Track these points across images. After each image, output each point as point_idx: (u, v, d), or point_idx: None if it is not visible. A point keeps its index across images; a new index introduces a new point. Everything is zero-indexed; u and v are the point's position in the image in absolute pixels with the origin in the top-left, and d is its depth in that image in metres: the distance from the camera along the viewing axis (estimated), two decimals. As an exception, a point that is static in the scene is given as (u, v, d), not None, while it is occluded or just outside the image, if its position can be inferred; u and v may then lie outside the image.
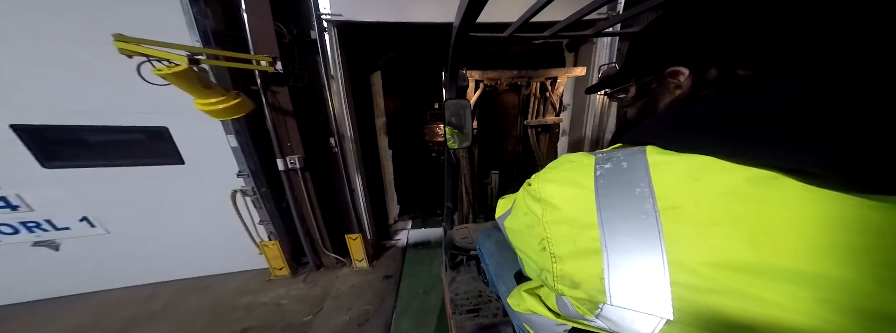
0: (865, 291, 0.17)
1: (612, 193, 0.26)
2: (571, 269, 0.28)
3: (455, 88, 1.00)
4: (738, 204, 0.21)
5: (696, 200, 0.22)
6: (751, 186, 0.21)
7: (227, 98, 1.38)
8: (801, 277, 0.18)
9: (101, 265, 2.14)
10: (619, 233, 0.24)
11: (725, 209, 0.21)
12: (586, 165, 0.29)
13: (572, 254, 0.27)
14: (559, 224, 0.29)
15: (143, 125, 1.82)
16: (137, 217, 2.09)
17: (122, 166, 1.90)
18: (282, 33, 1.75)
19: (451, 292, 1.28)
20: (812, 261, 0.18)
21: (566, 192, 0.29)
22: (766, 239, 0.19)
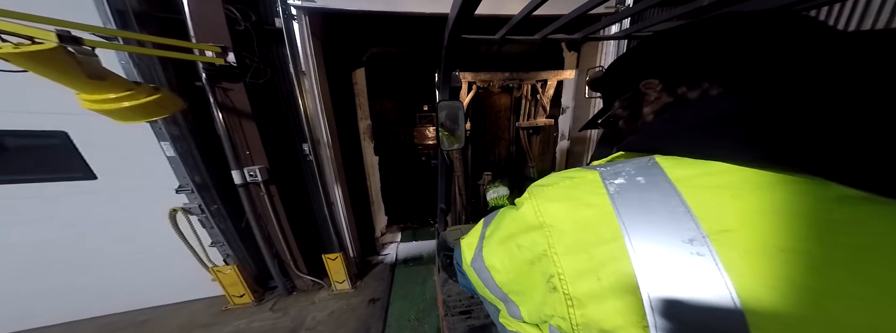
0: None
1: (634, 214, 0.20)
2: (598, 314, 0.20)
3: (448, 89, 0.89)
4: (802, 225, 0.16)
5: (747, 222, 0.17)
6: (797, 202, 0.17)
7: (135, 93, 0.90)
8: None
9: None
10: (659, 265, 0.18)
11: (790, 231, 0.16)
12: (592, 180, 0.24)
13: (597, 294, 0.20)
14: (575, 255, 0.22)
15: (25, 129, 1.24)
16: (31, 248, 1.48)
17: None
18: (235, 19, 1.29)
19: (443, 294, 1.20)
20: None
21: (577, 214, 0.23)
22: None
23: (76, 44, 0.78)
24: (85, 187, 1.43)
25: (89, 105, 0.87)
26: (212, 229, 1.67)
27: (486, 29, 0.63)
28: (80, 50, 0.79)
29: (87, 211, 1.50)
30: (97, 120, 1.24)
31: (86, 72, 0.80)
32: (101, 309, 1.78)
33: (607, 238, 0.21)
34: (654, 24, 0.55)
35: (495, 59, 2.63)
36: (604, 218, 0.21)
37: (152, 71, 1.29)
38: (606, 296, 0.20)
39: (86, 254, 1.60)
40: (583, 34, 0.62)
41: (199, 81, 1.32)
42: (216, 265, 1.77)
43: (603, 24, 0.60)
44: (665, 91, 0.31)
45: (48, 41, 0.73)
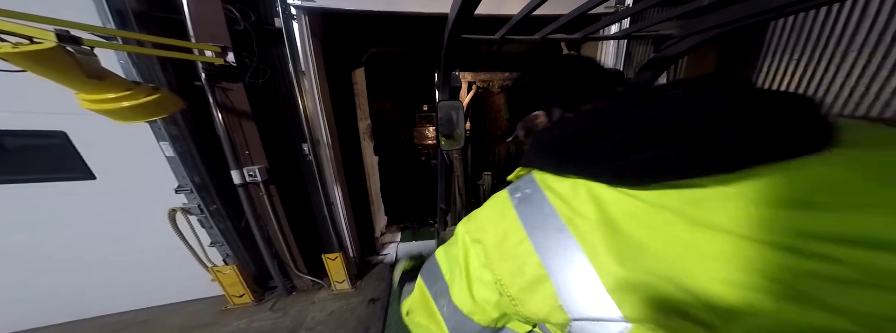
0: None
1: (529, 218, 0.28)
2: (533, 306, 0.26)
3: (448, 89, 0.89)
4: (620, 210, 0.24)
5: (586, 213, 0.25)
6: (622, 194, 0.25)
7: (134, 93, 0.90)
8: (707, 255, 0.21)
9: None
10: (550, 252, 0.25)
11: (616, 216, 0.24)
12: (504, 197, 0.31)
13: (526, 289, 0.26)
14: (504, 261, 0.28)
15: (23, 129, 1.23)
16: (30, 248, 1.48)
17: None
18: (234, 19, 1.28)
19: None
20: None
21: (498, 227, 0.29)
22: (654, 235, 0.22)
23: (75, 43, 0.77)
24: (84, 188, 1.43)
25: (88, 105, 0.87)
26: (211, 229, 1.67)
27: (486, 29, 0.63)
28: (79, 50, 0.78)
29: (86, 211, 1.50)
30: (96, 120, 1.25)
31: (85, 72, 0.79)
32: (101, 309, 1.78)
33: (519, 241, 0.27)
34: (654, 24, 0.55)
35: (495, 59, 2.63)
36: (514, 226, 0.28)
37: (151, 71, 1.29)
38: (531, 288, 0.26)
39: (84, 254, 1.60)
40: (582, 34, 0.62)
41: (199, 80, 1.32)
42: (216, 265, 1.77)
43: (603, 24, 0.60)
44: (547, 117, 0.39)
45: (47, 41, 0.73)
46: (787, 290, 0.18)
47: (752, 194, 0.21)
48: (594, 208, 0.25)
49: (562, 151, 0.29)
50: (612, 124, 0.26)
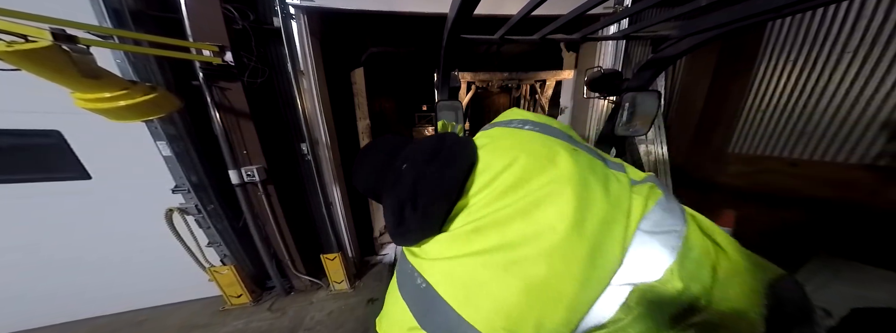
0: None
1: (402, 281, 0.36)
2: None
3: (447, 89, 0.88)
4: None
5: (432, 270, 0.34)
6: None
7: (130, 93, 0.89)
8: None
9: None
10: (414, 300, 0.33)
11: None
12: (394, 276, 0.39)
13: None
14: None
15: (17, 128, 1.22)
16: (25, 248, 1.46)
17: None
18: (233, 18, 1.27)
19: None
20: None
21: (390, 300, 0.37)
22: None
23: (71, 42, 0.77)
24: (79, 187, 1.41)
25: (84, 104, 0.86)
26: (209, 229, 1.66)
27: (485, 29, 0.63)
28: (75, 48, 0.78)
29: (82, 211, 1.48)
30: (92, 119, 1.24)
31: (80, 71, 0.79)
32: (98, 310, 1.77)
33: (396, 298, 0.34)
34: (652, 25, 0.55)
35: (494, 59, 2.63)
36: (393, 291, 0.36)
37: (148, 70, 1.27)
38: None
39: (80, 255, 1.58)
40: (581, 34, 0.62)
41: (196, 80, 1.31)
42: (213, 265, 1.76)
43: (601, 25, 0.60)
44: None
45: (42, 39, 0.72)
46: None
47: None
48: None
49: (396, 235, 0.38)
50: (402, 198, 0.37)
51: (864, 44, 1.24)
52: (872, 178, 1.28)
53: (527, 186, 0.33)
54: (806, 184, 1.48)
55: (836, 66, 1.34)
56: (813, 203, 1.47)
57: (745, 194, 1.73)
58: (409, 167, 0.39)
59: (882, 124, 1.24)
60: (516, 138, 0.42)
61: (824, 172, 1.42)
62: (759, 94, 1.64)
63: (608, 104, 1.79)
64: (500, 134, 0.44)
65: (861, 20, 1.23)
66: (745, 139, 1.73)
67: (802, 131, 1.48)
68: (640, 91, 0.79)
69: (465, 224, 0.33)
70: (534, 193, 0.32)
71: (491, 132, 0.46)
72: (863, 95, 1.28)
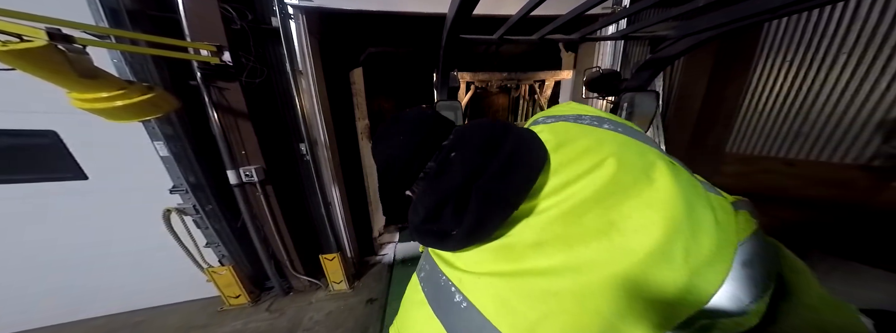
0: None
1: (430, 291, 0.31)
2: None
3: (446, 89, 0.88)
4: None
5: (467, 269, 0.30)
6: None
7: (127, 92, 0.88)
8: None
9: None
10: (453, 323, 0.27)
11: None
12: (413, 281, 0.34)
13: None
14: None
15: (12, 128, 1.21)
16: (20, 249, 1.45)
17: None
18: (231, 18, 1.27)
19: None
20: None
21: (411, 314, 0.32)
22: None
23: (67, 42, 0.76)
24: (76, 188, 1.40)
25: (80, 104, 0.85)
26: (207, 229, 1.65)
27: (484, 29, 0.63)
28: (71, 48, 0.77)
29: (78, 211, 1.47)
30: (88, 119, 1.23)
31: (77, 70, 0.78)
32: (94, 311, 1.75)
33: (427, 316, 0.29)
34: (650, 25, 0.55)
35: (493, 59, 2.63)
36: (422, 305, 0.30)
37: (146, 70, 1.27)
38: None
39: (77, 255, 1.57)
40: (580, 35, 0.62)
41: (194, 80, 1.30)
42: (211, 265, 1.75)
43: (600, 25, 0.60)
44: (414, 194, 0.39)
45: (38, 39, 0.72)
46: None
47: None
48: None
49: (424, 232, 0.33)
50: (447, 195, 0.31)
51: (859, 45, 1.25)
52: (867, 178, 1.29)
53: (615, 202, 0.27)
54: (802, 184, 1.50)
55: (831, 66, 1.35)
56: (809, 203, 1.48)
57: (742, 194, 1.73)
58: (460, 156, 0.31)
59: (877, 125, 1.25)
60: (596, 136, 0.34)
61: (820, 172, 1.43)
62: (756, 94, 1.65)
63: (607, 104, 1.80)
64: (569, 130, 0.36)
65: (856, 21, 1.24)
66: (743, 139, 1.74)
67: (799, 132, 1.49)
68: (638, 91, 0.79)
69: (526, 235, 0.27)
70: (623, 216, 0.26)
71: (555, 127, 0.37)
72: (858, 95, 1.29)
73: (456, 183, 0.30)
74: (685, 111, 1.89)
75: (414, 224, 0.34)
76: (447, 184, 0.31)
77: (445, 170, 0.32)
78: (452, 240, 0.30)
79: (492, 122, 0.35)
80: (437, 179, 0.32)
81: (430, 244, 0.33)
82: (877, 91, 1.24)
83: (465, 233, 0.29)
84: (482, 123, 0.35)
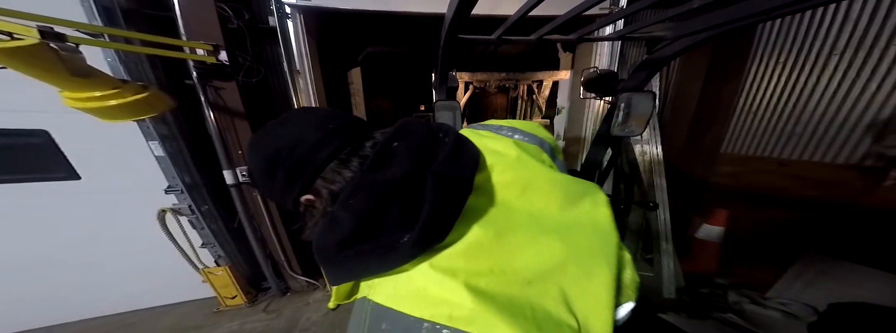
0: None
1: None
2: None
3: (445, 89, 0.87)
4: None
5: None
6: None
7: (121, 92, 0.87)
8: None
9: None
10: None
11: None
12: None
13: None
14: None
15: (3, 128, 1.19)
16: (14, 249, 1.43)
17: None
18: (227, 17, 1.26)
19: None
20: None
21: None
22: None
23: (59, 40, 0.75)
24: (68, 188, 1.38)
25: (73, 103, 0.84)
26: (202, 230, 1.63)
27: (483, 29, 0.63)
28: (64, 47, 0.76)
29: (71, 212, 1.45)
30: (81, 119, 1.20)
31: (69, 69, 0.77)
32: (88, 312, 1.73)
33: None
34: (647, 26, 0.56)
35: (492, 59, 2.64)
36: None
37: (140, 69, 1.25)
38: None
39: (70, 256, 1.55)
40: (578, 35, 0.62)
41: (190, 79, 1.29)
42: (207, 266, 1.73)
43: (597, 26, 0.61)
44: (321, 201, 0.31)
45: (29, 37, 0.70)
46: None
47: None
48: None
49: (358, 254, 0.23)
50: (392, 189, 0.23)
51: (850, 46, 1.27)
52: (858, 178, 1.31)
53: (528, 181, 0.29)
54: (795, 184, 1.52)
55: (823, 68, 1.37)
56: (801, 203, 1.50)
57: (736, 194, 1.76)
58: (406, 145, 0.27)
59: (867, 126, 1.27)
60: (506, 142, 0.34)
61: (813, 172, 1.45)
62: (750, 95, 1.67)
63: (604, 105, 1.81)
64: (489, 134, 0.36)
65: (847, 23, 1.26)
66: (737, 140, 1.76)
67: (792, 132, 1.51)
68: (635, 92, 0.80)
69: (480, 232, 0.25)
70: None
71: (479, 132, 0.37)
72: (849, 96, 1.31)
73: (405, 169, 0.25)
74: (681, 112, 1.91)
75: (333, 246, 0.24)
76: (391, 175, 0.24)
77: (388, 162, 0.26)
78: (401, 250, 0.23)
79: (419, 119, 0.34)
80: (374, 172, 0.25)
81: (363, 268, 0.24)
82: (867, 92, 1.26)
83: (420, 233, 0.22)
84: (415, 120, 0.33)
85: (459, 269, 0.22)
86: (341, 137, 0.29)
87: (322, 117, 0.30)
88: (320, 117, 0.30)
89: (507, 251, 0.24)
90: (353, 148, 0.29)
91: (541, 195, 0.28)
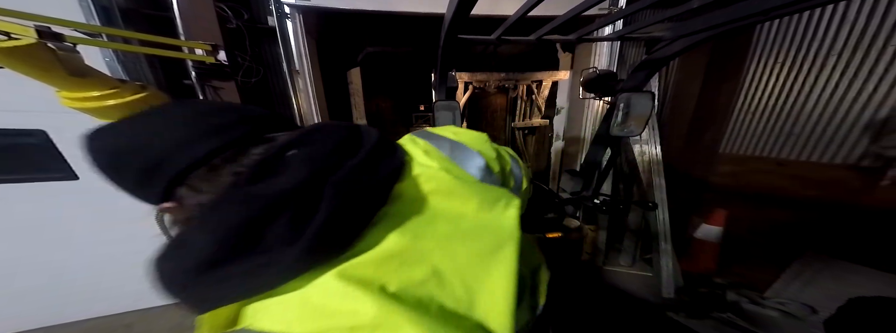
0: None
1: None
2: None
3: (444, 89, 0.87)
4: None
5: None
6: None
7: (119, 92, 0.86)
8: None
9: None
10: None
11: None
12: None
13: None
14: None
15: (1, 128, 1.18)
16: (9, 250, 1.42)
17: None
18: (226, 17, 1.25)
19: None
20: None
21: None
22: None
23: (57, 40, 0.74)
24: (66, 188, 1.37)
25: (71, 103, 0.83)
26: (202, 230, 1.62)
27: (482, 29, 0.63)
28: (61, 46, 0.75)
29: (68, 212, 1.44)
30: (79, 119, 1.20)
31: (67, 69, 0.76)
32: (85, 313, 1.72)
33: None
34: (646, 26, 0.56)
35: (491, 59, 2.64)
36: None
37: (139, 69, 1.24)
38: None
39: (68, 256, 1.54)
40: (577, 35, 0.63)
41: (189, 79, 1.28)
42: (207, 267, 1.73)
43: (597, 26, 0.61)
44: (182, 208, 0.25)
45: (26, 37, 0.70)
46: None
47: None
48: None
49: (224, 279, 0.19)
50: (280, 200, 0.20)
51: (847, 47, 1.28)
52: (856, 178, 1.32)
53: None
54: (793, 184, 1.52)
55: (821, 68, 1.37)
56: (799, 202, 1.50)
57: (735, 194, 1.76)
58: (303, 155, 0.24)
59: (864, 126, 1.28)
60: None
61: (811, 172, 1.46)
62: (749, 95, 1.67)
63: (603, 105, 1.81)
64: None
65: (845, 23, 1.27)
66: (736, 140, 1.77)
67: (790, 132, 1.52)
68: (634, 92, 0.80)
69: (397, 240, 0.23)
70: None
71: (413, 139, 0.37)
72: (846, 96, 1.32)
73: (298, 179, 0.21)
74: (680, 112, 1.91)
75: (182, 274, 0.20)
76: (278, 186, 0.21)
77: (276, 171, 0.22)
78: (285, 261, 0.19)
79: (340, 122, 0.31)
80: (253, 183, 0.22)
81: (231, 290, 0.20)
82: (864, 93, 1.27)
83: (307, 247, 0.19)
84: (331, 123, 0.29)
85: (368, 277, 0.20)
86: (221, 137, 0.24)
87: (200, 112, 0.26)
88: (198, 112, 0.26)
89: (421, 257, 0.23)
90: (233, 153, 0.24)
91: (459, 202, 0.29)
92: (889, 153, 1.21)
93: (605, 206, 1.08)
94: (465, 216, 0.28)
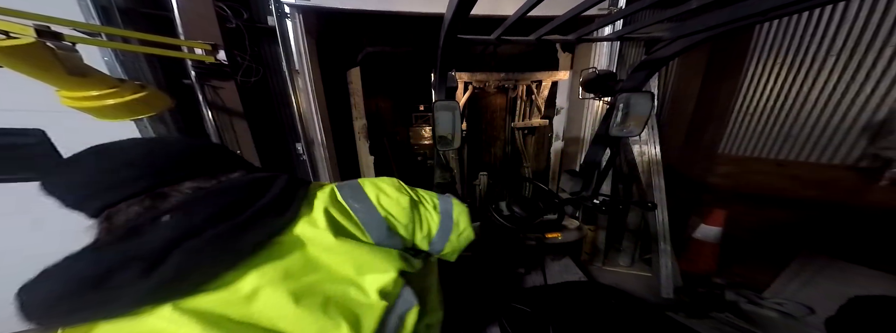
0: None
1: None
2: None
3: (444, 89, 0.87)
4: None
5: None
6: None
7: (119, 91, 0.86)
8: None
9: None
10: None
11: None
12: None
13: None
14: None
15: (-2, 125, 1.17)
16: (6, 250, 1.41)
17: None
18: (226, 17, 1.25)
19: None
20: None
21: None
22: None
23: (56, 39, 0.74)
24: (66, 188, 1.37)
25: (70, 103, 0.83)
26: (201, 230, 1.62)
27: (482, 29, 0.63)
28: (60, 46, 0.75)
29: (66, 212, 1.43)
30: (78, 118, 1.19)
31: (66, 68, 0.76)
32: (84, 314, 1.71)
33: None
34: (646, 26, 0.56)
35: (491, 59, 2.64)
36: None
37: (138, 68, 1.24)
38: None
39: (67, 257, 1.53)
40: (577, 35, 0.63)
41: (188, 79, 1.28)
42: (206, 267, 1.72)
43: (596, 26, 0.61)
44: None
45: (25, 36, 0.70)
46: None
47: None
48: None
49: (75, 311, 0.24)
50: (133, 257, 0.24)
51: (846, 47, 1.28)
52: (854, 178, 1.32)
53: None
54: (792, 184, 1.53)
55: (820, 69, 1.38)
56: (798, 203, 1.51)
57: (734, 194, 1.77)
58: (174, 223, 0.27)
59: (863, 127, 1.28)
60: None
61: (809, 173, 1.46)
62: (748, 96, 1.68)
63: (603, 105, 1.81)
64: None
65: (844, 24, 1.27)
66: (735, 140, 1.77)
67: (789, 133, 1.52)
68: (633, 92, 0.80)
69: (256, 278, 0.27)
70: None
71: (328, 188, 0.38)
72: (845, 98, 1.32)
73: (153, 246, 0.24)
74: (679, 112, 1.92)
75: (40, 304, 0.25)
76: (134, 249, 0.25)
77: (142, 232, 0.26)
78: (128, 297, 0.23)
79: (254, 177, 0.33)
80: (126, 240, 0.26)
81: (81, 313, 0.24)
82: (863, 94, 1.27)
83: (155, 284, 0.23)
84: (238, 183, 0.32)
85: (204, 310, 0.24)
86: (115, 193, 0.29)
87: (106, 168, 0.30)
88: (108, 166, 0.30)
89: (267, 300, 0.26)
90: (126, 205, 0.29)
91: (337, 260, 0.31)
92: (887, 154, 1.21)
93: (605, 206, 1.09)
94: (335, 275, 0.30)
